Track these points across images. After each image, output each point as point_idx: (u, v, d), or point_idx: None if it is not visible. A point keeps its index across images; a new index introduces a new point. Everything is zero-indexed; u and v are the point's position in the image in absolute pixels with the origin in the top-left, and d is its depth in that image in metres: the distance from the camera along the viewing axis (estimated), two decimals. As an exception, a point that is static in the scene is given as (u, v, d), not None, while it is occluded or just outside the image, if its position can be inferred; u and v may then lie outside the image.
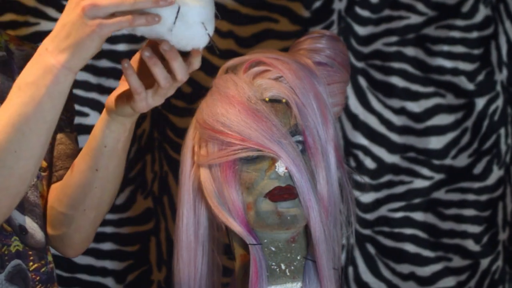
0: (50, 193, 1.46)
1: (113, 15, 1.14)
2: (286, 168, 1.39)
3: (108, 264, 2.10)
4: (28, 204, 1.39)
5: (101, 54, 2.06)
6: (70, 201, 1.42)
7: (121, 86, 1.33)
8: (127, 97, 1.29)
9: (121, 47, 2.08)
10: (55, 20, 2.05)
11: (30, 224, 1.39)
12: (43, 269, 1.40)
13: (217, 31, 2.09)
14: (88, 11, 1.13)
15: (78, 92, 2.07)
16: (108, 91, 2.07)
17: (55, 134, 1.49)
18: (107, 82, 2.07)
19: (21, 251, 1.37)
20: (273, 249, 1.44)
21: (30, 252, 1.38)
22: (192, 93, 2.08)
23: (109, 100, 1.34)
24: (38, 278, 1.40)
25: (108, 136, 1.35)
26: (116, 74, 2.07)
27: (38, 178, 1.43)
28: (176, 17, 1.17)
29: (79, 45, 1.15)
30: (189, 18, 1.18)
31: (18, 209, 1.37)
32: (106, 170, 1.38)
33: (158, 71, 1.22)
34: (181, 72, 1.22)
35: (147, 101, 1.26)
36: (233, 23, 2.12)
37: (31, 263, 1.38)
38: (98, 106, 2.07)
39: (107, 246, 2.13)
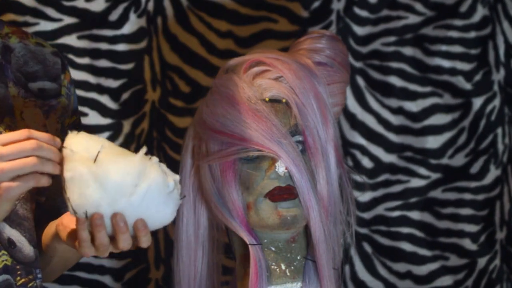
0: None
1: (18, 176, 1.13)
2: (286, 168, 1.39)
3: (106, 262, 2.09)
4: (17, 217, 1.34)
5: (101, 54, 2.07)
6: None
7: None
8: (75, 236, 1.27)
9: (121, 47, 2.07)
10: (54, 20, 2.05)
11: (18, 238, 1.34)
12: (30, 284, 1.34)
13: (216, 31, 2.13)
14: None
15: (77, 92, 2.06)
16: (107, 91, 2.07)
17: None
18: (107, 82, 2.07)
19: (9, 265, 1.32)
20: (273, 249, 1.44)
21: (18, 267, 1.33)
22: (192, 93, 2.08)
23: (60, 226, 1.31)
24: None
25: (58, 250, 1.38)
26: (116, 74, 2.07)
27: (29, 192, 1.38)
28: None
29: None
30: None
31: (7, 222, 1.33)
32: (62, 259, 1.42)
33: (101, 237, 1.20)
34: (125, 245, 1.22)
35: (90, 250, 1.23)
36: (232, 23, 2.11)
37: (18, 278, 1.33)
38: (97, 106, 2.06)
39: (105, 245, 2.13)
